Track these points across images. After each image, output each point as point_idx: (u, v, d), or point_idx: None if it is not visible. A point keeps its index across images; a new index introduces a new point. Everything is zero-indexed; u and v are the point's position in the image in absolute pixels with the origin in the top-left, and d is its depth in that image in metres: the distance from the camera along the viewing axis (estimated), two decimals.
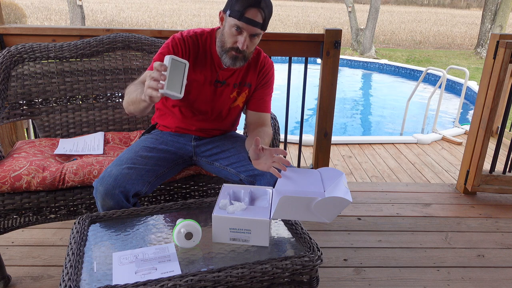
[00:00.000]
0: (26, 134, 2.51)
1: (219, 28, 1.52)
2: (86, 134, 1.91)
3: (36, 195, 1.48)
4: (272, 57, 2.34)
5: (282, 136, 3.12)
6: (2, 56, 1.77)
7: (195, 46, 1.49)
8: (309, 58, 2.37)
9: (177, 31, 1.56)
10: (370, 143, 3.93)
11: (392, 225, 2.17)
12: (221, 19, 1.44)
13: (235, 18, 1.35)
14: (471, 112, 5.33)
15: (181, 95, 1.11)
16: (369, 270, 1.80)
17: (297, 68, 2.88)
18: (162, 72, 1.08)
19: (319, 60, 2.40)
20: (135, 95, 1.29)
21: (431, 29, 19.06)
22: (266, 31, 1.46)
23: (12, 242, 1.88)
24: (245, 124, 1.78)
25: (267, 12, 1.38)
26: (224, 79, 1.54)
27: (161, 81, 1.09)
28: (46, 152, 1.69)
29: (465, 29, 19.31)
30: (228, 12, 1.37)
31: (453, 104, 7.19)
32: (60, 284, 0.96)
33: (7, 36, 2.10)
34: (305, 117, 2.63)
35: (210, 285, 0.97)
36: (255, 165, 1.34)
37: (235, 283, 0.99)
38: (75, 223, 1.20)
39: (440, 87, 4.57)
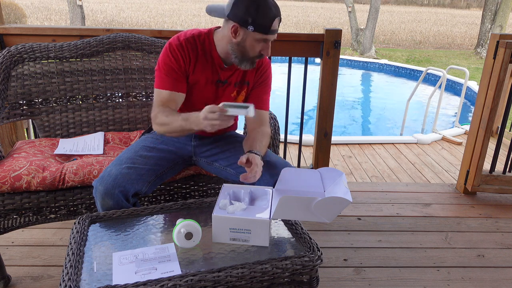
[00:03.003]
0: (26, 134, 2.51)
1: (217, 28, 1.52)
2: (86, 134, 1.91)
3: (36, 195, 1.48)
4: (272, 57, 2.34)
5: (282, 136, 3.12)
6: (2, 56, 1.77)
7: (194, 49, 1.49)
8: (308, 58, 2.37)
9: (177, 31, 1.55)
10: (370, 143, 3.93)
11: (392, 225, 2.17)
12: (235, 32, 1.40)
13: (262, 33, 1.38)
14: (471, 112, 5.33)
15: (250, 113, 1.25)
16: (369, 270, 1.80)
17: (297, 68, 2.87)
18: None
19: (317, 60, 2.40)
20: (180, 125, 1.38)
21: (431, 29, 19.06)
22: None
23: (12, 242, 1.88)
24: (245, 124, 1.78)
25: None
26: (225, 79, 1.55)
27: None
28: (46, 152, 1.69)
29: (465, 29, 19.30)
30: (250, 28, 1.36)
31: (453, 104, 7.19)
32: (60, 284, 0.96)
33: (7, 36, 2.10)
34: (304, 117, 2.63)
35: (210, 285, 0.97)
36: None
37: (235, 283, 0.99)
38: (75, 223, 1.20)
39: (440, 87, 4.57)
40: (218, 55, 1.50)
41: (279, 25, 1.42)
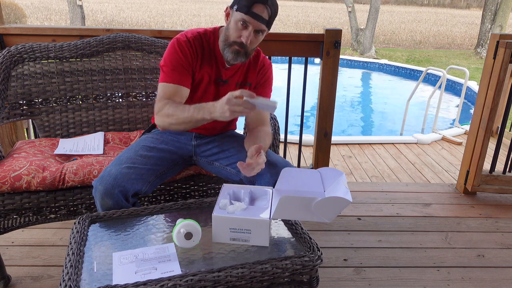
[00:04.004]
0: (26, 134, 2.51)
1: (221, 27, 1.53)
2: (86, 134, 1.91)
3: (36, 195, 1.48)
4: (272, 57, 2.34)
5: (282, 136, 3.12)
6: (2, 56, 1.77)
7: (201, 46, 1.50)
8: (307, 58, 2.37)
9: (177, 31, 1.56)
10: (370, 143, 3.93)
11: (392, 225, 2.17)
12: (227, 15, 1.45)
13: (242, 12, 1.37)
14: (471, 112, 5.33)
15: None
16: (369, 270, 1.80)
17: (297, 68, 2.87)
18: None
19: (317, 60, 2.41)
20: (190, 115, 1.35)
21: (431, 29, 19.05)
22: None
23: (12, 242, 1.88)
24: (245, 124, 1.78)
25: (273, 10, 1.40)
26: (226, 78, 1.55)
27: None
28: (46, 152, 1.69)
29: (465, 29, 19.30)
30: (235, 7, 1.40)
31: (453, 104, 7.19)
32: (60, 284, 0.96)
33: (7, 36, 2.10)
34: (304, 117, 2.63)
35: (210, 285, 0.97)
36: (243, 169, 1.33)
37: (235, 283, 0.99)
38: (75, 223, 1.20)
39: (440, 87, 4.57)
40: (221, 53, 1.50)
41: (268, 16, 1.39)
